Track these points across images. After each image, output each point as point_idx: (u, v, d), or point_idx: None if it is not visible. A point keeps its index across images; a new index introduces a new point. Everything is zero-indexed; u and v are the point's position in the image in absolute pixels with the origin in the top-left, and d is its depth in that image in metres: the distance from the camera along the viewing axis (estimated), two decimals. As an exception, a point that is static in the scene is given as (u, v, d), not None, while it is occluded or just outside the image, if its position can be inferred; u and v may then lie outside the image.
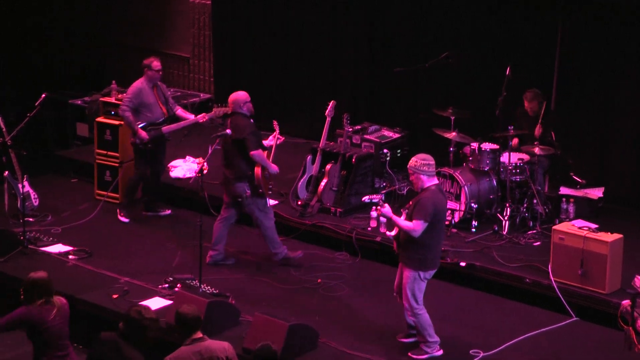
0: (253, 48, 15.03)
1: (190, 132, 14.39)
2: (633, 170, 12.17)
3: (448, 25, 13.18)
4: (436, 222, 9.05)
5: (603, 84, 12.27)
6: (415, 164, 9.05)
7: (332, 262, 11.29)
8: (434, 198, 9.00)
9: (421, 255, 9.12)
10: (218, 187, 12.64)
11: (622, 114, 12.22)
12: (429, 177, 9.07)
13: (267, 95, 14.91)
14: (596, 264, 10.06)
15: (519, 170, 11.50)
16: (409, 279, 9.18)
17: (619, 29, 12.01)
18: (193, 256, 10.53)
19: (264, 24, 14.85)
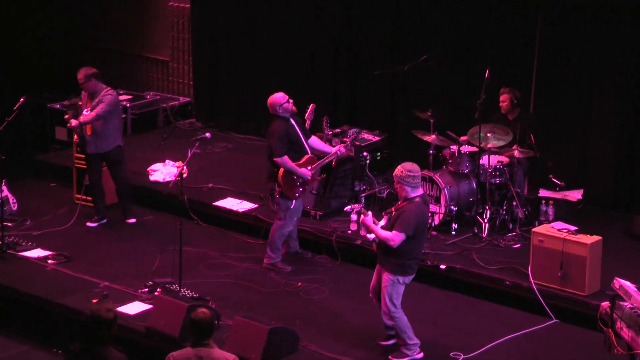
0: (232, 51, 15.01)
1: (170, 135, 14.38)
2: (612, 172, 12.22)
3: (427, 28, 13.20)
4: (417, 232, 9.09)
5: (582, 86, 12.31)
6: (401, 174, 9.07)
7: (313, 265, 11.28)
8: (418, 211, 9.03)
9: (401, 261, 9.15)
10: (197, 190, 12.68)
11: (601, 116, 12.26)
12: (413, 188, 9.08)
13: (246, 98, 14.90)
14: (575, 266, 10.09)
15: (499, 172, 11.52)
16: (388, 282, 9.19)
17: (599, 31, 12.05)
18: (173, 260, 10.49)
19: (243, 27, 14.83)
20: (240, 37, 14.88)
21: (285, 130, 10.81)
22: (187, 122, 15.34)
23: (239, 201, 12.44)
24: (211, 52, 15.22)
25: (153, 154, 13.73)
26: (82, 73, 11.79)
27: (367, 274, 10.81)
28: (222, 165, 13.72)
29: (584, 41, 12.15)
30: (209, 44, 15.21)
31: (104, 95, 11.72)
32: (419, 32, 13.27)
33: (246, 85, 14.92)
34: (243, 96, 14.97)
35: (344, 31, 13.98)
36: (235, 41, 14.94)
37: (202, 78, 15.44)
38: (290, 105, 10.89)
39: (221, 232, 12.08)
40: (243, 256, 11.46)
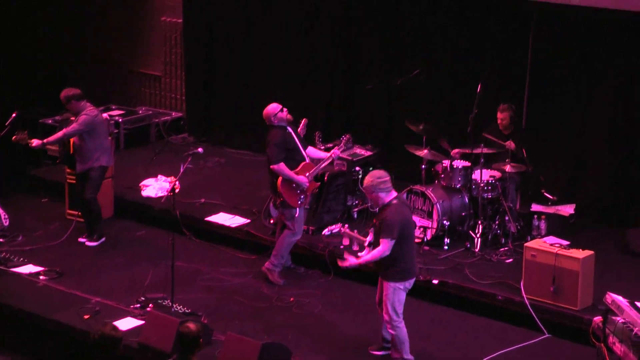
0: (225, 66, 15.01)
1: (162, 150, 14.37)
2: (604, 186, 12.23)
3: (420, 42, 13.23)
4: (405, 234, 9.11)
5: (574, 101, 12.33)
6: (372, 182, 9.11)
7: (305, 280, 11.27)
8: (398, 213, 9.07)
9: (399, 268, 9.19)
10: (190, 205, 12.67)
11: (593, 131, 12.28)
12: (387, 192, 9.13)
13: (238, 113, 14.91)
14: (568, 280, 10.09)
15: (491, 187, 11.53)
16: (389, 290, 9.23)
17: (591, 45, 12.08)
18: (165, 275, 10.48)
19: (236, 41, 14.85)
20: (233, 53, 14.89)
21: (282, 138, 10.88)
22: (180, 137, 15.33)
23: (231, 216, 12.43)
24: (204, 67, 15.22)
25: (145, 169, 13.71)
26: (62, 94, 11.92)
27: (359, 288, 10.87)
28: (215, 180, 13.71)
29: (577, 56, 12.18)
30: (202, 59, 15.22)
31: (80, 115, 11.78)
32: (412, 47, 13.30)
33: (239, 100, 14.93)
34: (236, 111, 14.97)
35: (337, 46, 13.99)
36: (228, 56, 14.95)
37: (195, 93, 15.44)
38: (284, 114, 10.96)
39: (213, 247, 12.06)
40: (235, 271, 11.45)
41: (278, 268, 11.14)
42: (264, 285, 11.11)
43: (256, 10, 14.57)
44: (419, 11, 13.18)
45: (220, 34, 14.96)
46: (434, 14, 13.09)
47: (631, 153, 12.06)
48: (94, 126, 11.83)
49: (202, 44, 15.17)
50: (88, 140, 11.84)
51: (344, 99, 14.10)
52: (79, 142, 11.88)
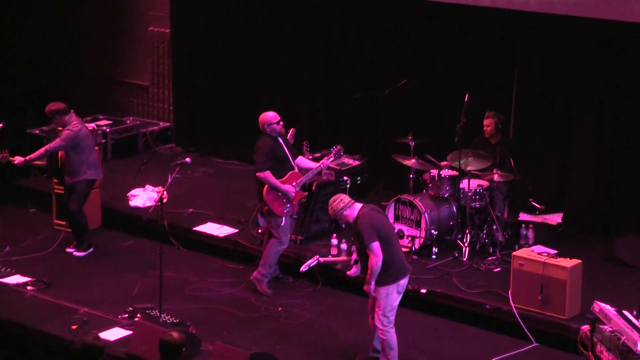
0: (212, 76, 15.00)
1: (150, 160, 14.35)
2: (591, 195, 12.25)
3: (407, 52, 13.24)
4: (385, 237, 9.15)
5: (561, 110, 12.35)
6: (333, 209, 9.32)
7: (293, 289, 11.26)
8: (368, 218, 9.16)
9: (388, 271, 9.22)
10: (178, 215, 12.65)
11: (580, 140, 12.29)
12: (350, 208, 9.26)
13: (226, 123, 14.89)
14: (556, 289, 10.10)
15: (479, 196, 11.54)
16: (382, 295, 9.26)
17: (578, 56, 12.11)
18: (153, 285, 10.46)
19: (223, 52, 14.84)
20: (220, 62, 14.88)
21: (270, 147, 10.92)
22: (167, 147, 15.31)
23: (219, 226, 12.42)
24: (191, 77, 15.20)
25: (133, 179, 13.68)
26: (47, 109, 11.94)
27: (348, 298, 10.87)
28: (203, 190, 13.69)
29: (564, 67, 12.21)
30: (189, 68, 15.20)
31: (64, 131, 11.76)
32: (398, 56, 13.31)
33: (226, 110, 14.91)
34: (223, 121, 14.95)
35: (324, 55, 14.00)
36: (215, 66, 14.94)
37: (182, 103, 15.42)
38: (279, 127, 11.01)
39: (201, 257, 12.05)
40: (223, 281, 11.43)
41: (266, 278, 11.14)
42: (252, 295, 11.09)
43: (243, 21, 14.57)
44: (406, 20, 13.20)
45: (208, 44, 14.95)
46: (421, 24, 13.10)
47: (618, 162, 12.09)
48: (77, 141, 11.81)
49: (190, 54, 15.15)
50: (73, 155, 11.83)
51: (331, 108, 14.09)
52: (65, 156, 11.88)
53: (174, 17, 15.23)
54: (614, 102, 12.02)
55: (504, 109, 12.36)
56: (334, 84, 14.02)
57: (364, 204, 9.36)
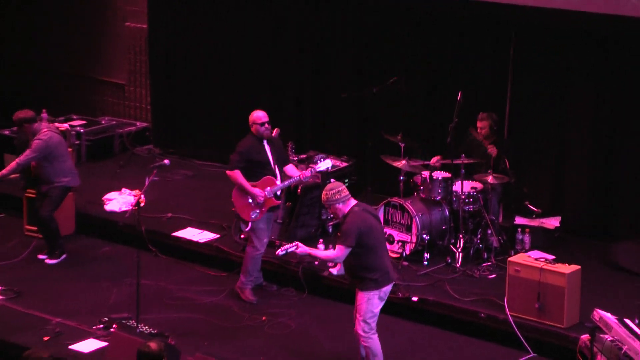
0: (192, 74, 14.97)
1: (126, 162, 14.31)
2: (589, 198, 12.26)
3: (397, 49, 13.23)
4: (371, 243, 9.12)
5: (557, 110, 12.36)
6: (326, 196, 9.26)
7: (278, 298, 11.23)
8: (357, 220, 9.12)
9: (371, 277, 9.20)
10: (156, 220, 12.60)
11: (578, 141, 12.31)
12: (343, 202, 9.22)
13: (206, 123, 14.87)
14: (553, 296, 10.09)
15: (472, 199, 11.53)
16: (363, 300, 9.24)
17: (574, 54, 12.12)
18: (130, 294, 10.41)
19: (203, 48, 14.80)
20: (201, 59, 14.84)
21: (249, 147, 10.89)
22: (145, 149, 15.30)
23: (199, 231, 12.38)
24: (170, 75, 15.17)
25: (109, 182, 13.66)
26: (14, 117, 11.90)
27: (335, 306, 10.85)
28: (182, 194, 13.66)
29: (558, 64, 12.22)
30: (168, 66, 15.16)
31: (34, 141, 11.69)
32: (388, 54, 13.29)
33: (207, 110, 14.89)
34: (204, 121, 14.93)
35: (309, 52, 13.98)
36: (195, 63, 14.90)
37: (161, 102, 15.39)
38: (264, 129, 10.93)
39: (181, 264, 12.02)
40: (204, 289, 11.39)
41: (248, 285, 11.09)
42: (235, 304, 11.05)
43: (225, 16, 14.55)
44: (396, 16, 13.18)
45: (188, 40, 14.91)
46: (412, 21, 13.09)
47: (616, 164, 12.11)
48: (49, 150, 11.74)
49: (168, 50, 15.12)
50: (46, 165, 11.78)
51: (317, 107, 14.07)
52: (38, 166, 11.79)
53: (151, 12, 15.19)
54: (611, 101, 12.04)
55: (497, 107, 12.37)
56: (320, 82, 14.00)
57: (359, 202, 9.33)
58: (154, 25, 15.20)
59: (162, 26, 15.12)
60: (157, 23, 15.17)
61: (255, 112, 11.07)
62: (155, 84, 15.41)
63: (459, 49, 12.81)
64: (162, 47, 15.18)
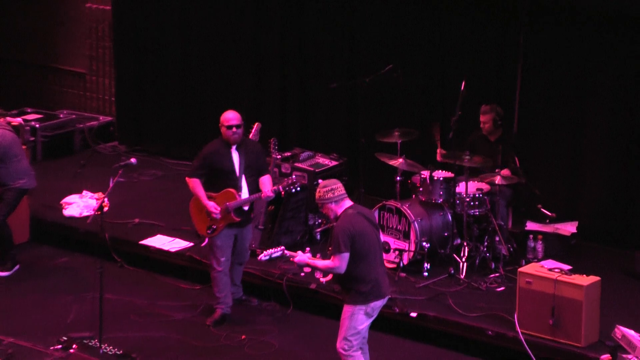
0: (162, 62, 14.96)
1: (88, 161, 14.29)
2: (610, 201, 12.28)
3: (392, 33, 13.23)
4: (363, 250, 9.10)
5: (573, 102, 12.39)
6: (319, 194, 9.25)
7: (259, 314, 11.21)
8: (348, 223, 9.11)
9: (358, 289, 9.17)
10: (122, 226, 12.56)
11: (595, 136, 12.34)
12: (337, 203, 9.22)
13: (178, 118, 14.86)
14: (570, 311, 10.09)
15: (478, 202, 11.53)
16: (347, 314, 9.23)
17: (589, 40, 12.14)
18: (92, 311, 10.40)
19: (175, 33, 14.78)
20: (171, 46, 14.83)
21: (212, 152, 10.86)
22: (109, 146, 15.31)
23: (170, 239, 12.37)
24: (137, 63, 15.16)
25: (68, 183, 13.64)
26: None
27: (323, 323, 10.86)
28: (151, 197, 13.67)
29: (575, 52, 12.24)
30: (134, 53, 15.15)
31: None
32: (382, 40, 13.27)
33: (179, 102, 14.88)
34: (175, 115, 14.92)
35: (295, 38, 13.97)
36: (166, 50, 14.90)
37: (126, 94, 15.37)
38: (231, 133, 10.77)
39: (150, 276, 12.02)
40: (176, 304, 11.38)
41: (218, 308, 11.01)
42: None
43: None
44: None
45: (157, 23, 14.92)
46: (409, 0, 13.08)
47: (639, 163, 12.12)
48: (3, 151, 11.76)
49: (135, 35, 15.11)
50: (0, 167, 11.74)
51: (303, 99, 14.08)
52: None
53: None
54: (634, 94, 12.05)
55: (506, 99, 12.39)
56: (306, 72, 14.00)
57: (354, 204, 9.31)
58: (119, 6, 15.19)
59: (127, 7, 15.11)
60: (122, 4, 15.15)
61: (225, 113, 10.93)
62: (121, 72, 15.39)
63: (463, 34, 12.82)
64: (127, 31, 15.16)
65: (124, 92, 15.43)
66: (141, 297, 11.53)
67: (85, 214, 12.82)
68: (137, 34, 15.10)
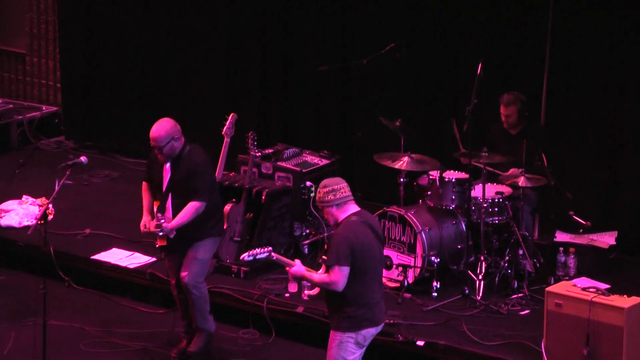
0: (118, 41, 14.97)
1: (28, 160, 14.26)
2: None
3: (394, 5, 13.24)
4: (361, 265, 9.10)
5: (610, 91, 12.45)
6: (319, 195, 9.26)
7: (235, 343, 11.23)
8: (351, 232, 9.11)
9: (347, 312, 9.16)
10: (69, 238, 12.54)
11: (637, 130, 12.40)
12: (339, 207, 9.20)
13: (135, 108, 14.85)
14: (609, 339, 10.08)
15: (498, 208, 11.56)
16: (334, 343, 9.21)
17: (633, 17, 12.18)
18: (34, 339, 10.39)
19: (133, 7, 14.79)
20: (130, 21, 14.86)
21: (151, 159, 10.89)
22: (54, 142, 15.35)
23: (128, 253, 12.39)
24: (87, 42, 15.18)
25: (4, 187, 13.66)
26: None
27: (312, 354, 10.90)
28: (105, 202, 13.71)
29: (613, 29, 12.28)
30: (84, 29, 15.16)
31: None
32: (382, 13, 13.29)
33: (137, 90, 14.92)
34: (132, 105, 14.96)
35: (277, 12, 13.99)
36: (123, 27, 14.92)
37: (74, 79, 15.42)
38: (157, 152, 10.65)
39: (104, 298, 12.03)
40: (136, 332, 11.39)
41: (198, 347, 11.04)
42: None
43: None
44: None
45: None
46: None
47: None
48: None
49: (85, 9, 15.12)
50: None
51: (288, 85, 14.13)
52: None
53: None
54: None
55: (531, 86, 12.42)
56: (292, 53, 14.04)
57: (361, 210, 9.29)
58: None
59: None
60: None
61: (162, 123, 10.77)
62: (67, 53, 15.42)
63: (479, 6, 12.84)
64: (76, 4, 15.16)
65: (71, 77, 15.46)
66: (93, 323, 11.53)
67: (26, 224, 12.84)
68: (88, 6, 15.12)
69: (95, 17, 15.09)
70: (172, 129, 10.54)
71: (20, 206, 13.24)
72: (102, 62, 15.16)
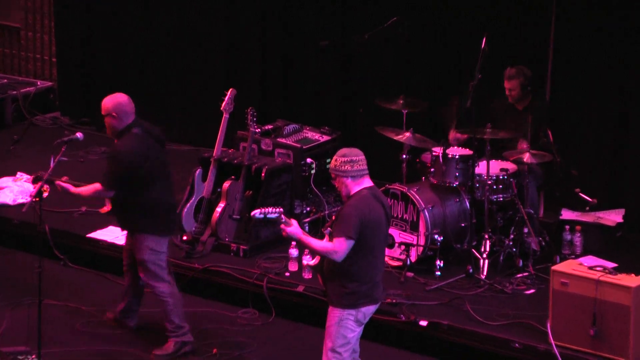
0: (116, 13, 14.95)
1: (23, 136, 14.27)
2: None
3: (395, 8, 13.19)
4: (368, 240, 9.09)
5: (617, 64, 12.42)
6: (335, 163, 9.20)
7: (234, 323, 11.22)
8: (362, 205, 9.08)
9: (351, 288, 9.14)
10: (65, 216, 12.53)
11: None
12: (354, 179, 9.15)
13: (132, 83, 14.83)
14: (615, 319, 10.08)
15: (502, 185, 11.56)
16: (334, 320, 9.21)
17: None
18: (28, 320, 10.39)
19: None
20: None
21: None
22: (49, 117, 15.36)
23: (124, 231, 12.31)
24: (83, 15, 15.19)
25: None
26: None
27: (312, 334, 10.88)
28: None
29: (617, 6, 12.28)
30: (80, 4, 15.13)
31: None
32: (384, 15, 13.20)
33: (135, 64, 14.93)
34: (130, 79, 14.93)
35: (275, 16, 14.08)
36: (119, 1, 14.84)
37: (70, 54, 15.42)
38: None
39: (100, 276, 12.04)
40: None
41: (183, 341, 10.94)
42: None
43: None
44: None
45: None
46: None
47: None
48: None
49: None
50: None
51: (288, 60, 14.14)
52: None
53: None
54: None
55: (536, 60, 12.44)
56: (292, 27, 14.04)
57: (373, 186, 9.25)
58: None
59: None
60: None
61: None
62: (63, 27, 15.44)
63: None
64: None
65: (68, 51, 15.47)
66: (89, 302, 11.53)
67: (20, 201, 12.86)
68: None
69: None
70: (115, 106, 10.56)
71: (14, 183, 13.27)
72: (99, 35, 15.15)
